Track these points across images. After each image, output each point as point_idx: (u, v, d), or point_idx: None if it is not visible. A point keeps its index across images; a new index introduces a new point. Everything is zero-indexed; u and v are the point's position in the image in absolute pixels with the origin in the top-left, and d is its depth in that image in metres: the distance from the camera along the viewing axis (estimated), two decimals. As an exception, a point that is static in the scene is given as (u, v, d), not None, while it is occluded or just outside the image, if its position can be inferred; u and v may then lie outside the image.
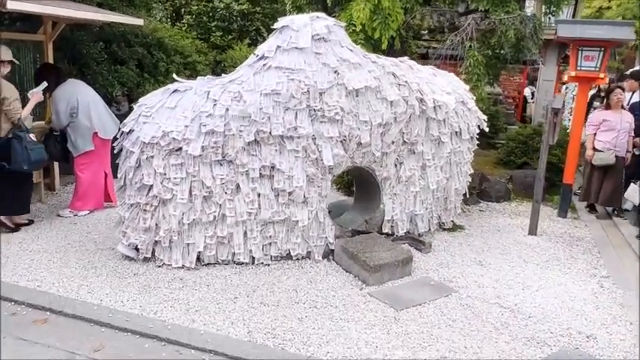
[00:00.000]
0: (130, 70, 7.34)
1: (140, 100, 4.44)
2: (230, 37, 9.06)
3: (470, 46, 6.87)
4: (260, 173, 4.31)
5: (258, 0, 9.37)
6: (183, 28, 9.23)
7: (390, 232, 5.09)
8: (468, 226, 5.92)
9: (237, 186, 4.31)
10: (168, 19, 9.29)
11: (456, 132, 5.31)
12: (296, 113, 4.34)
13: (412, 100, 4.80)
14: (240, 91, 4.26)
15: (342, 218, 5.08)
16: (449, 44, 6.88)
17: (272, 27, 4.80)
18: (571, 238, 5.73)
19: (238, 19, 8.99)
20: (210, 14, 9.08)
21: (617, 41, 6.14)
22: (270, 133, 4.26)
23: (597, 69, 5.99)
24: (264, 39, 8.84)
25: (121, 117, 4.80)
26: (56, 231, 5.14)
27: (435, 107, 4.99)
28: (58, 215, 5.58)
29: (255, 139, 4.25)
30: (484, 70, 7.04)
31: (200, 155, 4.14)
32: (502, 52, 7.35)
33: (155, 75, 7.67)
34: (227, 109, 4.18)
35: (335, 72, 4.45)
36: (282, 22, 4.57)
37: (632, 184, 6.06)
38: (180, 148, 4.15)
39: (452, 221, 5.71)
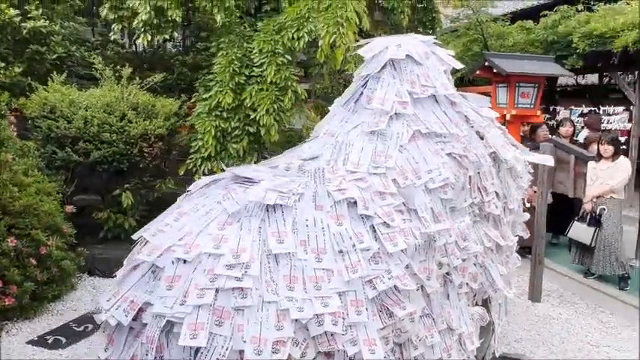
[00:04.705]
0: None
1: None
2: (18, 69, 5.54)
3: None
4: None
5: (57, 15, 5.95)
6: None
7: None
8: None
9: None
10: None
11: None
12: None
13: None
14: (402, 191, 1.97)
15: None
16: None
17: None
18: None
19: (30, 42, 5.54)
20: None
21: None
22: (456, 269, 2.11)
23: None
24: (83, 69, 5.75)
25: None
26: None
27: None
28: None
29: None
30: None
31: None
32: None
33: None
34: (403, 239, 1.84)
35: (478, 133, 2.58)
36: (374, 45, 2.44)
37: None
38: None
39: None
